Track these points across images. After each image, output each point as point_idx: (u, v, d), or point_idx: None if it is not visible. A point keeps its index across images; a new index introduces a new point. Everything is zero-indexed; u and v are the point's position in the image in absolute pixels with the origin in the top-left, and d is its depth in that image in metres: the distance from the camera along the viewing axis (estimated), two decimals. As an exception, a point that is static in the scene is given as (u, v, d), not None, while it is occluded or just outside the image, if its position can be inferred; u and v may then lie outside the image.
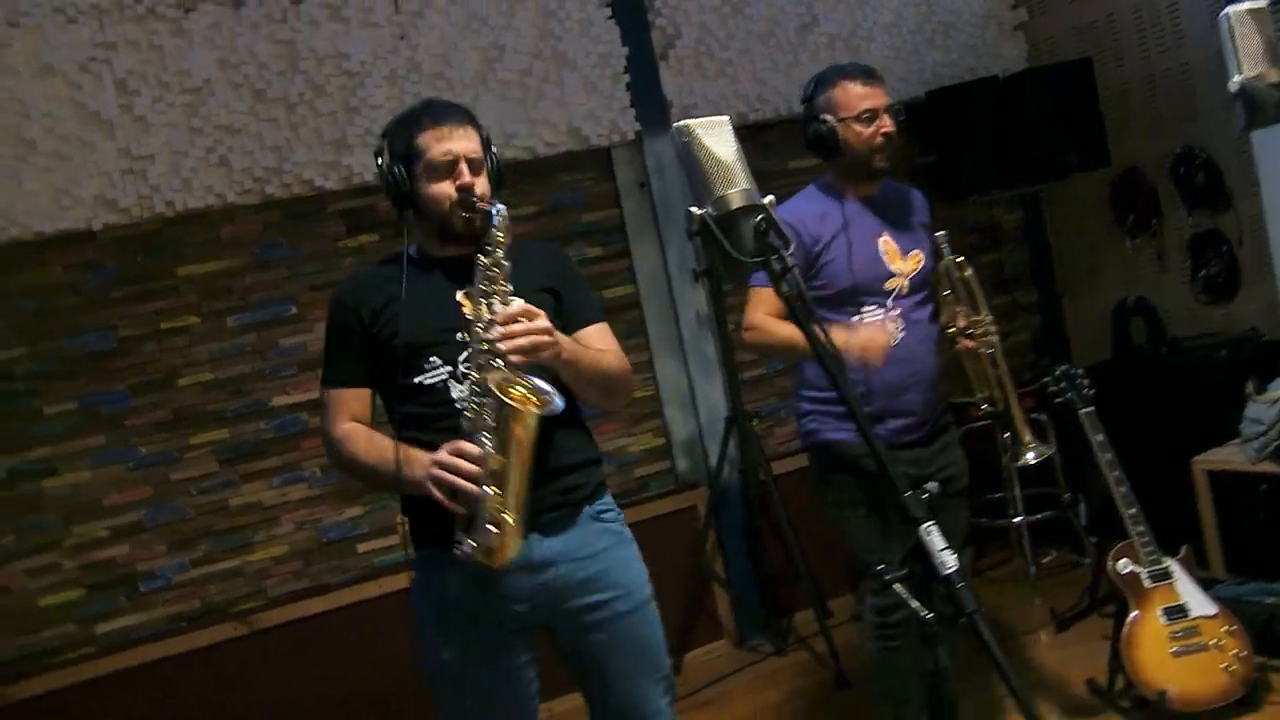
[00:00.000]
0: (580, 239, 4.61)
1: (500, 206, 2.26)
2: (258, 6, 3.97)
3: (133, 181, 3.82)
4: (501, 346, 2.15)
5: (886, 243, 3.04)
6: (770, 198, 1.86)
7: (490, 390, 2.12)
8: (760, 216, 1.82)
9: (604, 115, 4.46)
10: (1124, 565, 3.39)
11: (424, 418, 2.29)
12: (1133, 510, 3.36)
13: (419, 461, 2.19)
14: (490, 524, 2.12)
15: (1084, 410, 3.47)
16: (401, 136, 2.35)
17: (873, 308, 3.00)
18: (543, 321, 2.19)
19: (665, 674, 2.46)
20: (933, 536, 1.71)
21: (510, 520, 2.14)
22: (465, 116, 2.37)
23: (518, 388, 2.16)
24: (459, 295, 2.33)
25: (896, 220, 3.10)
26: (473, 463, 2.12)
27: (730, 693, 4.32)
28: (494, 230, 2.24)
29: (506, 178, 2.48)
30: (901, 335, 3.01)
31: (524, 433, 2.14)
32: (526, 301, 2.24)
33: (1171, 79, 4.78)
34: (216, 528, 4.05)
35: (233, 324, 4.09)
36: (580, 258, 4.57)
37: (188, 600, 4.00)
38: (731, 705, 4.21)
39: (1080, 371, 3.56)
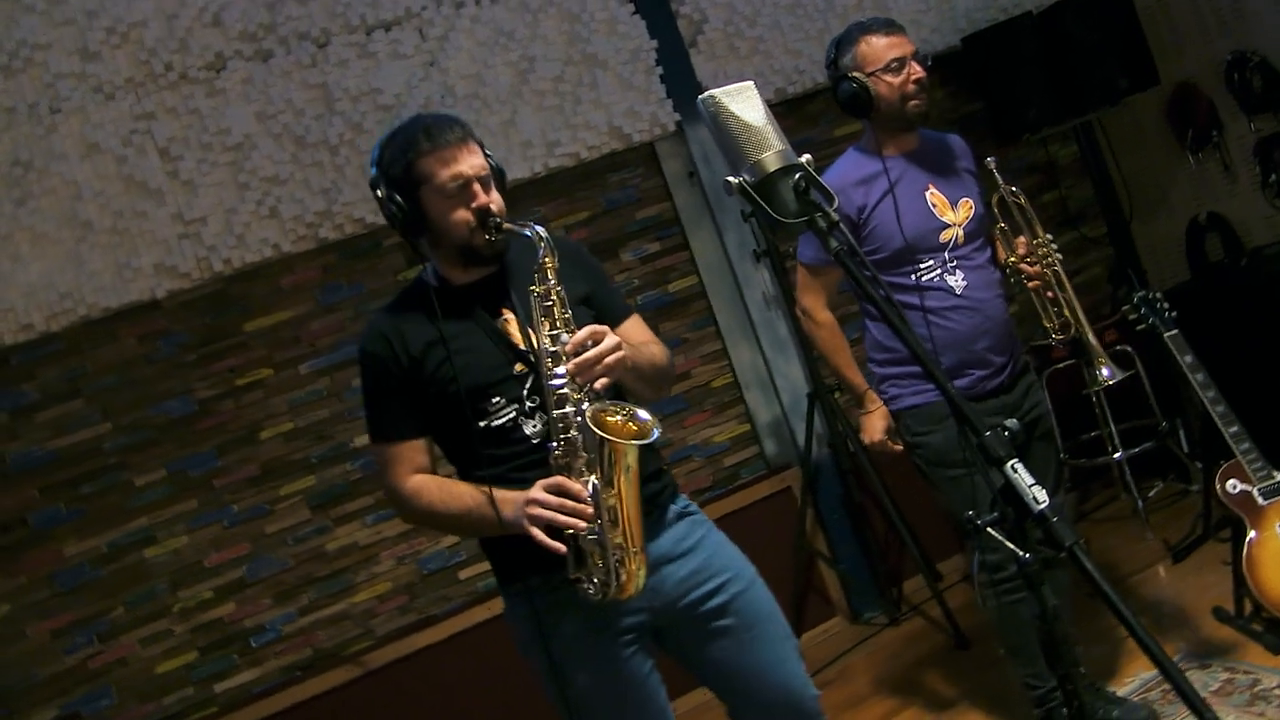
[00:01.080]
0: (637, 236, 4.58)
1: (538, 228, 2.15)
2: (286, 55, 3.99)
3: (189, 245, 3.86)
4: (580, 379, 2.08)
5: (934, 195, 3.01)
6: (807, 156, 1.82)
7: (587, 427, 2.06)
8: (799, 175, 1.78)
9: (643, 110, 4.42)
10: (1234, 486, 3.28)
11: (497, 459, 2.22)
12: (1234, 428, 3.25)
13: (512, 502, 2.13)
14: (617, 561, 2.09)
15: (1168, 334, 3.36)
16: (398, 163, 2.22)
17: (930, 263, 2.98)
18: (611, 339, 2.12)
19: (796, 641, 2.43)
20: (1019, 474, 1.64)
21: (634, 553, 2.10)
22: (462, 130, 2.25)
23: (614, 416, 2.11)
24: (498, 321, 2.27)
25: (941, 171, 3.06)
26: (579, 500, 2.07)
27: (850, 668, 4.26)
28: (542, 258, 2.14)
29: (557, 186, 2.41)
30: (964, 285, 2.98)
31: (628, 464, 2.09)
32: (571, 318, 2.19)
33: (1211, -15, 4.66)
34: (318, 574, 4.06)
35: (305, 371, 4.10)
36: (640, 255, 4.55)
37: (299, 649, 4.02)
38: (854, 681, 4.14)
39: (1159, 295, 3.46)
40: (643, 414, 2.13)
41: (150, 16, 3.81)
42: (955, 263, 2.98)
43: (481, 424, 2.22)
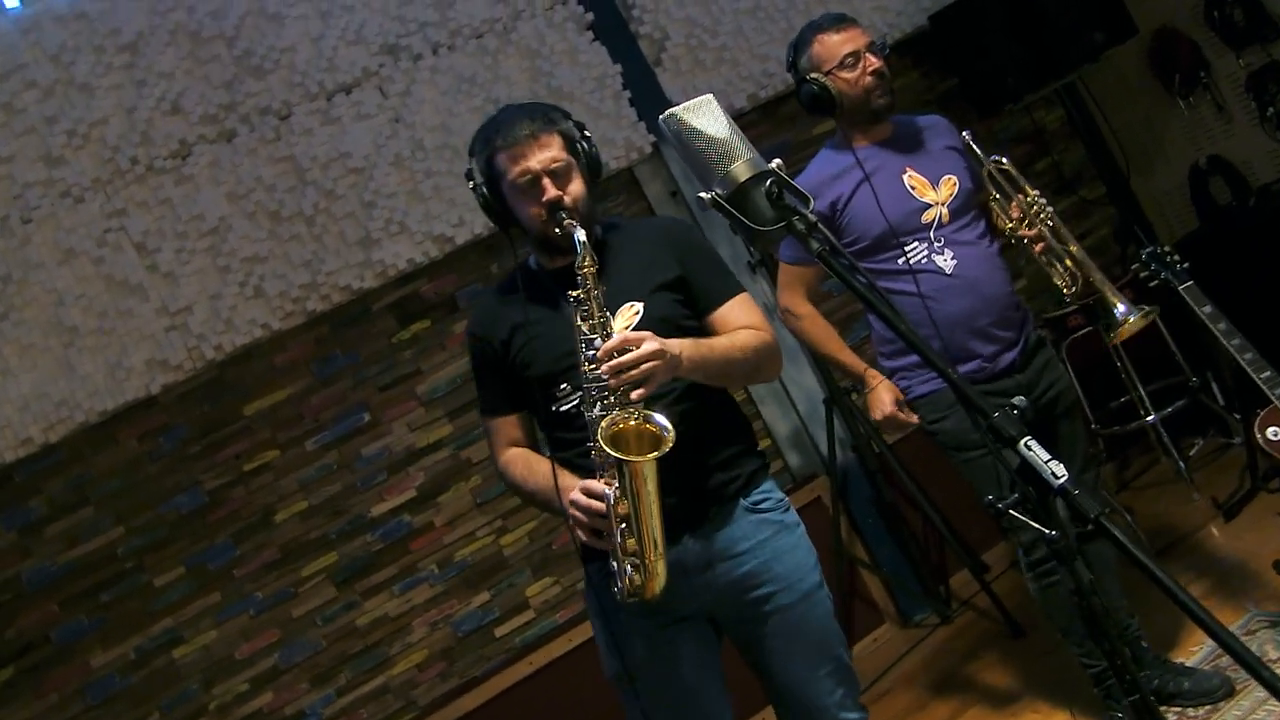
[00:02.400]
0: (627, 265, 4.48)
1: (580, 233, 2.18)
2: (249, 133, 3.94)
3: (178, 336, 3.80)
4: (612, 383, 2.09)
5: (912, 177, 2.98)
6: (777, 161, 1.80)
7: (597, 440, 2.09)
8: (771, 180, 1.76)
9: (616, 137, 4.35)
10: (1274, 433, 3.16)
11: (568, 442, 2.31)
12: (1266, 373, 3.12)
13: (566, 493, 2.20)
14: (633, 565, 2.11)
15: (1183, 286, 3.27)
16: (482, 157, 2.35)
17: (916, 244, 2.93)
18: (648, 345, 2.10)
19: (839, 663, 2.37)
20: (1034, 451, 1.60)
21: (649, 560, 2.12)
22: (539, 123, 2.30)
23: (629, 421, 2.11)
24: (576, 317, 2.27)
25: (917, 152, 3.03)
26: (599, 506, 2.12)
27: (908, 674, 4.12)
28: (578, 261, 2.17)
29: None
30: (955, 264, 2.92)
31: (643, 475, 2.09)
32: (645, 305, 2.27)
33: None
34: (352, 651, 3.97)
35: (312, 447, 4.04)
36: (632, 284, 4.45)
37: (344, 730, 3.95)
38: (913, 687, 4.01)
39: (1168, 249, 3.36)
40: (659, 418, 2.12)
41: (109, 113, 3.78)
42: (942, 242, 2.93)
43: (553, 408, 2.33)
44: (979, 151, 2.99)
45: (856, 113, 2.96)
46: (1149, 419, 4.30)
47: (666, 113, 1.82)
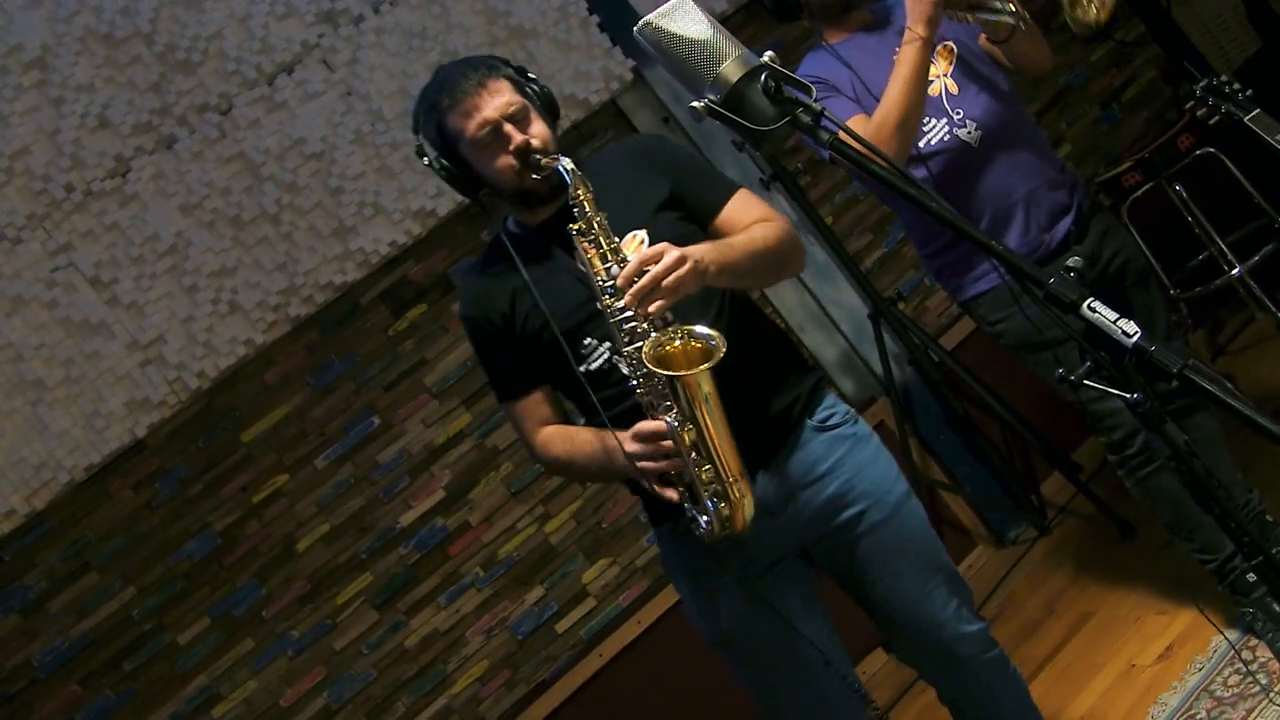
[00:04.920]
0: (630, 207, 4.08)
1: (565, 161, 2.04)
2: (190, 135, 3.56)
3: (155, 371, 3.47)
4: (640, 311, 1.94)
5: None
6: (770, 53, 1.65)
7: (645, 365, 1.92)
8: (765, 75, 1.63)
9: (591, 68, 3.92)
10: None
11: (606, 402, 2.12)
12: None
13: (619, 451, 2.04)
14: (714, 497, 1.97)
15: (1249, 116, 2.85)
16: (431, 127, 2.19)
17: (933, 122, 2.67)
18: (670, 255, 1.94)
19: (948, 572, 2.24)
20: (1100, 312, 1.48)
21: (732, 485, 1.97)
22: (483, 71, 2.15)
23: (674, 343, 1.97)
24: (583, 258, 2.09)
25: (901, 29, 2.69)
26: (661, 443, 1.96)
27: (1015, 595, 3.76)
28: (571, 190, 2.02)
29: None
30: (979, 135, 2.66)
31: (703, 392, 1.93)
32: (648, 230, 2.12)
33: None
34: (406, 676, 3.65)
35: (323, 464, 3.69)
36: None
37: (413, 762, 3.63)
38: (1025, 608, 3.65)
39: (1226, 79, 2.95)
40: (702, 329, 1.97)
41: (30, 141, 3.41)
42: (961, 114, 2.67)
43: (582, 369, 2.15)
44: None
45: (825, 6, 2.74)
46: (1234, 272, 3.85)
47: (641, 22, 1.69)
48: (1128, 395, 1.53)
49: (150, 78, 3.52)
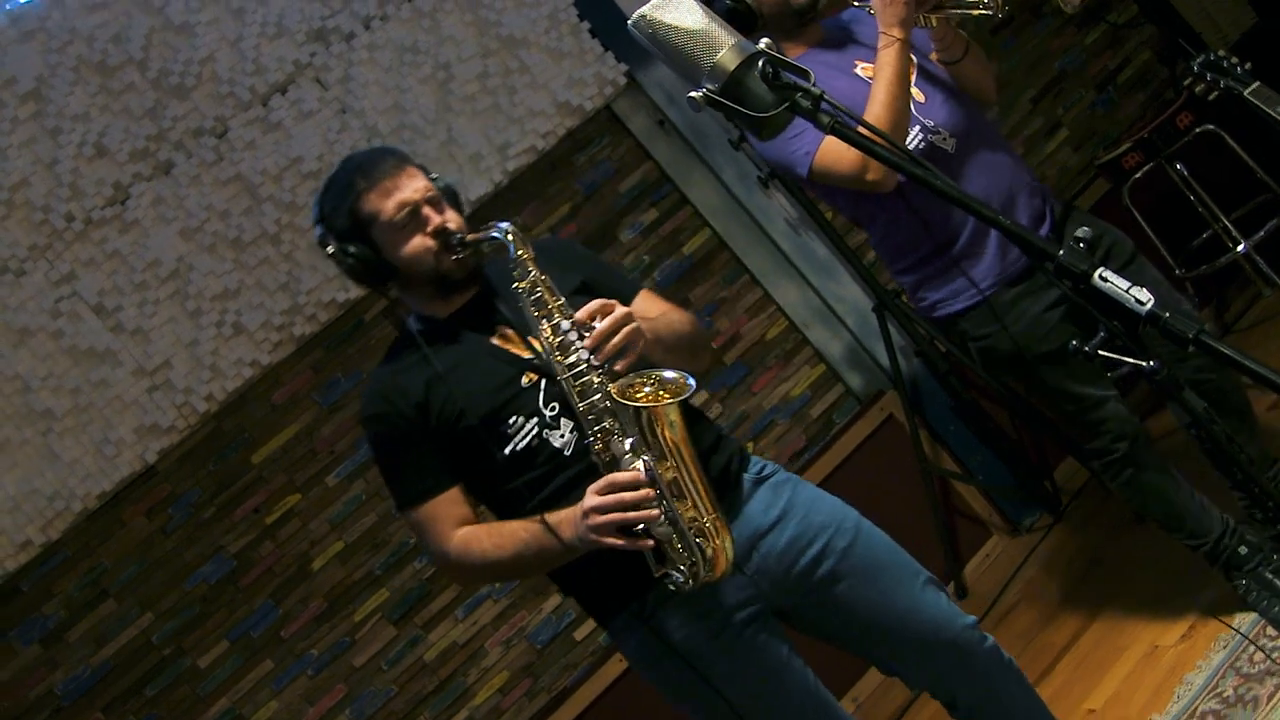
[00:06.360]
0: (629, 211, 4.07)
1: (503, 225, 2.03)
2: (187, 159, 3.57)
3: (162, 396, 3.47)
4: (597, 360, 1.93)
5: (865, 68, 2.68)
6: (765, 40, 1.66)
7: (617, 402, 1.90)
8: (762, 61, 1.62)
9: (584, 74, 3.92)
10: None
11: (534, 482, 2.05)
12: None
13: (569, 522, 1.95)
14: (698, 535, 1.92)
15: (1249, 90, 2.86)
16: (340, 211, 2.11)
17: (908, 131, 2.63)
18: (620, 308, 1.96)
19: (927, 574, 2.20)
20: (1112, 281, 1.46)
21: (711, 520, 1.94)
22: (396, 158, 2.14)
23: (642, 389, 1.95)
24: (494, 340, 2.12)
25: (858, 41, 2.77)
26: (636, 488, 1.88)
27: (1031, 585, 3.73)
28: (514, 253, 2.00)
29: (526, 189, 2.25)
30: (954, 142, 2.64)
31: (675, 428, 1.93)
32: (565, 304, 2.04)
33: None
34: (427, 690, 3.64)
35: (334, 482, 3.69)
36: (640, 229, 4.06)
37: (437, 775, 3.62)
38: (1045, 595, 3.62)
39: (1222, 54, 2.96)
40: (669, 373, 1.97)
41: (29, 173, 3.41)
42: (933, 121, 2.64)
43: (505, 451, 2.06)
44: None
45: (780, 20, 2.71)
46: (1239, 249, 3.83)
47: (635, 15, 1.68)
48: (1146, 364, 1.51)
49: (145, 104, 3.53)
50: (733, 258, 4.11)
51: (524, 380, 2.06)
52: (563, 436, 2.06)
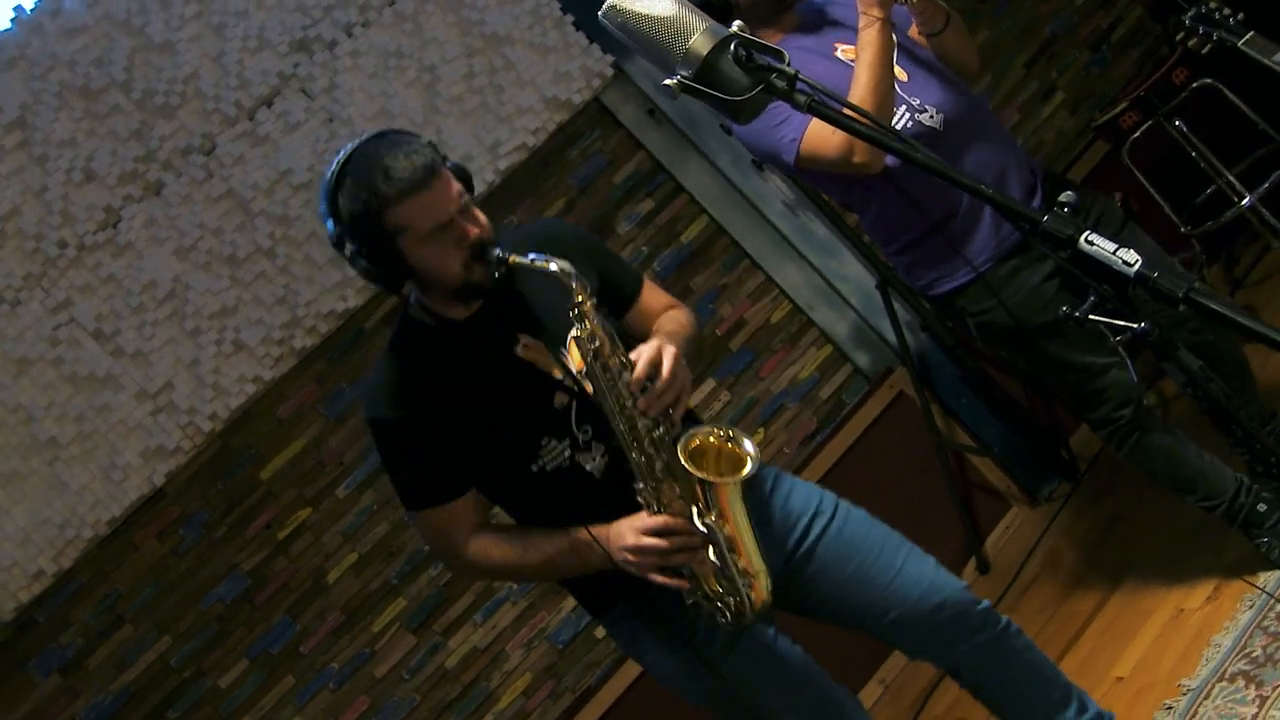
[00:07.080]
0: (625, 202, 4.03)
1: (562, 264, 1.91)
2: (177, 179, 3.55)
3: (166, 418, 3.45)
4: (652, 413, 1.94)
5: (846, 51, 2.63)
6: (738, 23, 1.65)
7: (681, 466, 1.95)
8: (735, 44, 1.62)
9: (571, 68, 3.88)
10: None
11: (562, 501, 2.06)
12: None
13: (605, 544, 1.99)
14: (746, 585, 2.02)
15: (1242, 40, 2.82)
16: (361, 214, 1.94)
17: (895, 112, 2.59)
18: (668, 357, 1.95)
19: (914, 546, 2.23)
20: (1097, 244, 1.46)
21: (759, 573, 2.05)
22: (426, 161, 1.94)
23: (709, 438, 2.02)
24: (518, 352, 2.05)
25: (835, 24, 2.72)
26: (688, 533, 1.96)
27: (1054, 555, 3.69)
28: (575, 299, 1.90)
29: (519, 187, 2.24)
30: (940, 118, 2.60)
31: (734, 496, 2.01)
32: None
33: None
34: (450, 697, 3.62)
35: (344, 493, 3.67)
36: (636, 220, 4.02)
37: (466, 783, 3.60)
38: (1063, 564, 3.59)
39: (1214, 5, 2.91)
40: (748, 443, 2.04)
41: (19, 202, 3.40)
42: (918, 100, 2.60)
43: (533, 468, 2.05)
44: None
45: (755, 7, 2.63)
46: (1244, 202, 3.76)
47: (605, 6, 1.66)
48: (1136, 325, 1.50)
49: (131, 126, 3.51)
50: (732, 243, 4.07)
51: (556, 401, 2.03)
52: (594, 461, 2.06)
